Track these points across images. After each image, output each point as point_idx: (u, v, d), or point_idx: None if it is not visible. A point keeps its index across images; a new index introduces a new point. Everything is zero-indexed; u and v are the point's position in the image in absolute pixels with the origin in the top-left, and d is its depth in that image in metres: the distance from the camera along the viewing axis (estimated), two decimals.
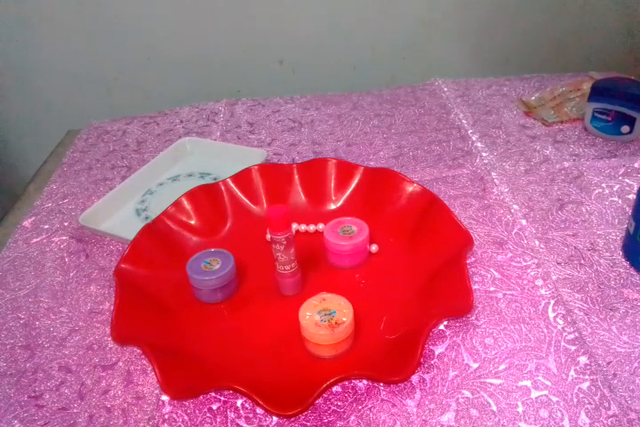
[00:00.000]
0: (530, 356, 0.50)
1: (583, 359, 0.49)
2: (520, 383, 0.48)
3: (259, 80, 1.24)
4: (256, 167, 0.68)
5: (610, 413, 0.45)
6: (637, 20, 1.24)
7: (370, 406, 0.47)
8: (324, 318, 0.49)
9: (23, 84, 1.21)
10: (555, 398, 0.47)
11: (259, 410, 0.48)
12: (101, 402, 0.49)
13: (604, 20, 1.24)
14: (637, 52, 1.26)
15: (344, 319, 0.49)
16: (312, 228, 0.64)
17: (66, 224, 0.70)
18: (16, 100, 1.23)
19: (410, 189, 0.64)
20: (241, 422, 0.47)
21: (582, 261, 0.59)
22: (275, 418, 0.47)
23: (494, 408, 0.46)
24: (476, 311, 0.54)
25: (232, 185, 0.67)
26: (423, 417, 0.46)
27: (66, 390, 0.50)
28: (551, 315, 0.54)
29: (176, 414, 0.48)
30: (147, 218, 0.69)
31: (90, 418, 0.48)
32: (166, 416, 0.48)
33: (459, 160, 0.76)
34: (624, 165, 0.72)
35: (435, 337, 0.52)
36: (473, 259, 0.60)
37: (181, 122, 0.90)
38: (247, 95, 0.96)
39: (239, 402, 0.48)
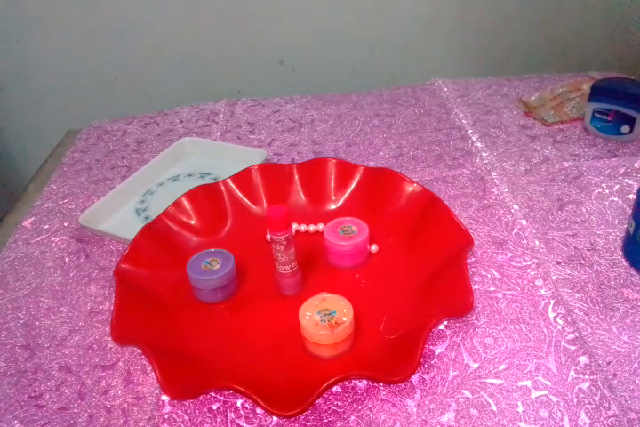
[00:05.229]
0: (530, 356, 0.50)
1: (583, 359, 0.49)
2: (520, 383, 0.48)
3: (259, 80, 1.24)
4: (256, 167, 0.68)
5: (610, 413, 0.45)
6: (637, 20, 1.24)
7: (370, 406, 0.47)
8: (324, 318, 0.49)
9: (23, 84, 1.21)
10: (555, 398, 0.47)
11: (259, 410, 0.48)
12: (101, 402, 0.49)
13: (604, 19, 1.24)
14: (637, 52, 1.26)
15: (344, 319, 0.49)
16: (312, 228, 0.64)
17: (66, 224, 0.70)
18: (16, 100, 1.23)
19: (410, 189, 0.64)
20: (241, 422, 0.47)
21: (582, 261, 0.59)
22: (275, 418, 0.47)
23: (494, 408, 0.46)
24: (476, 311, 0.54)
25: (232, 185, 0.67)
26: (423, 417, 0.46)
27: (66, 390, 0.50)
28: (551, 315, 0.54)
29: (176, 414, 0.48)
30: (147, 218, 0.69)
31: (90, 418, 0.48)
32: (166, 416, 0.48)
33: (459, 160, 0.76)
34: (624, 165, 0.72)
35: (435, 337, 0.52)
36: (473, 259, 0.60)
37: (181, 122, 0.90)
38: (247, 95, 0.96)
39: (239, 402, 0.48)
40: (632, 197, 0.67)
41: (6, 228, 0.71)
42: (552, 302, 0.55)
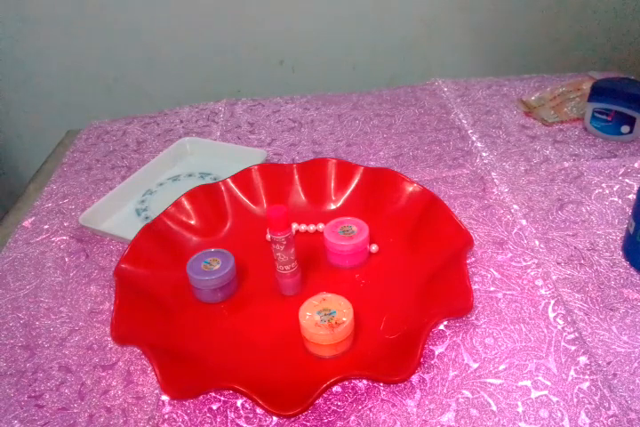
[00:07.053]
0: (530, 356, 0.50)
1: (583, 359, 0.49)
2: (520, 383, 0.48)
3: (259, 80, 1.24)
4: (256, 167, 0.68)
5: (610, 413, 0.45)
6: (637, 20, 1.24)
7: (370, 406, 0.47)
8: (324, 318, 0.49)
9: (23, 84, 1.21)
10: (555, 398, 0.47)
11: (259, 410, 0.48)
12: (101, 402, 0.49)
13: (604, 19, 1.24)
14: (637, 52, 1.26)
15: (344, 319, 0.49)
16: (312, 228, 0.64)
17: (66, 224, 0.70)
18: (16, 101, 1.23)
19: (410, 189, 0.64)
20: (241, 422, 0.47)
21: (582, 261, 0.59)
22: (275, 418, 0.47)
23: (494, 408, 0.46)
24: (476, 311, 0.54)
25: (232, 185, 0.67)
26: (423, 417, 0.46)
27: (66, 390, 0.50)
28: (551, 315, 0.54)
29: (176, 414, 0.48)
30: (147, 218, 0.69)
31: (90, 418, 0.48)
32: (166, 416, 0.48)
33: (459, 160, 0.76)
34: (624, 165, 0.72)
35: (435, 337, 0.52)
36: (473, 259, 0.60)
37: (181, 122, 0.90)
38: (247, 95, 0.96)
39: (239, 402, 0.48)
40: (632, 197, 0.67)
41: (6, 228, 0.71)
42: (552, 302, 0.55)
